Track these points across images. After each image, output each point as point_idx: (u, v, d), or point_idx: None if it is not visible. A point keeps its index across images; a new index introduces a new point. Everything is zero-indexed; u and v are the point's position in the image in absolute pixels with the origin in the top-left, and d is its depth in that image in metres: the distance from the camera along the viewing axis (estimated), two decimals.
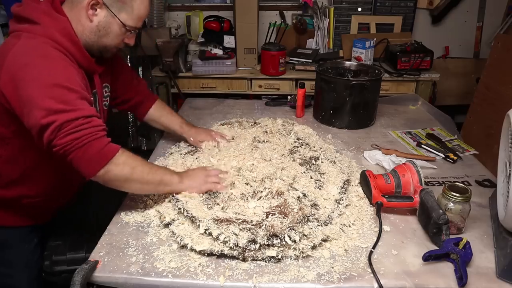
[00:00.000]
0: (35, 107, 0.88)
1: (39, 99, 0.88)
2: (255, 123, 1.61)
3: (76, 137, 0.89)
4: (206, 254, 0.90)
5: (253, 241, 0.89)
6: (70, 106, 0.90)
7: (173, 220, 0.99)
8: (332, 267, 0.88)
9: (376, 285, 0.84)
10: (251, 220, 0.96)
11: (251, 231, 0.92)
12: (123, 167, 0.96)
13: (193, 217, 0.97)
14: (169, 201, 1.07)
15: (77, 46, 1.02)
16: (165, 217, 1.01)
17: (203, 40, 2.63)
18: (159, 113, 1.40)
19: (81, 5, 1.01)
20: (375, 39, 2.57)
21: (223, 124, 1.60)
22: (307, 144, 1.41)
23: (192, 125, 1.44)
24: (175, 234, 0.95)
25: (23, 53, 0.92)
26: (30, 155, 1.04)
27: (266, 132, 1.51)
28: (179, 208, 1.01)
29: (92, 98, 1.03)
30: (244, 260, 0.89)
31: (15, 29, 0.98)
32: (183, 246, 0.92)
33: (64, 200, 1.24)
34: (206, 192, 1.10)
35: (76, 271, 0.82)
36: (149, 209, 1.07)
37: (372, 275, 0.86)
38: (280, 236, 0.90)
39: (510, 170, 0.91)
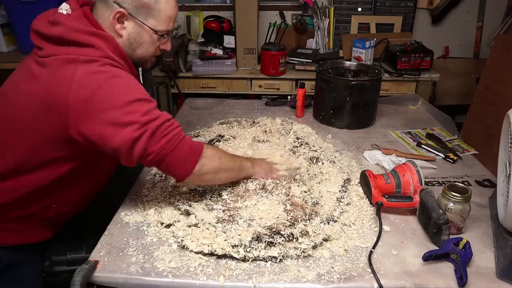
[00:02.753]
0: (121, 125, 0.87)
1: (124, 117, 0.87)
2: (254, 122, 1.61)
3: (167, 140, 0.91)
4: (206, 254, 0.90)
5: (258, 239, 0.89)
6: (153, 115, 0.90)
7: (175, 221, 0.99)
8: (332, 267, 0.88)
9: (376, 285, 0.84)
10: (256, 220, 0.97)
11: (255, 229, 0.92)
12: (213, 159, 1.01)
13: (196, 216, 0.97)
14: (172, 202, 1.07)
15: (127, 61, 1.01)
16: (163, 223, 1.00)
17: (203, 40, 2.63)
18: None
19: (108, 21, 0.98)
20: (375, 39, 2.57)
21: (222, 124, 1.60)
22: (306, 143, 1.41)
23: None
24: (175, 235, 0.95)
25: (90, 79, 0.87)
26: (68, 170, 1.01)
27: (266, 131, 1.51)
28: (183, 210, 1.01)
29: None
30: (244, 260, 0.89)
31: (56, 53, 0.90)
32: (183, 246, 0.92)
33: (81, 208, 1.21)
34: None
35: (76, 271, 0.82)
36: (149, 209, 1.07)
37: (372, 275, 0.86)
38: (283, 234, 0.91)
39: (510, 170, 0.91)
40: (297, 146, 1.39)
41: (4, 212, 1.01)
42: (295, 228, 0.93)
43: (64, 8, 0.97)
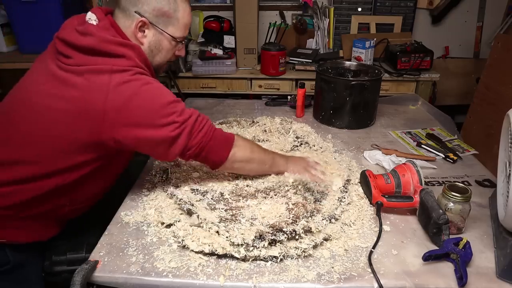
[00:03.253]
0: (158, 127, 0.94)
1: (163, 119, 0.94)
2: (253, 122, 1.61)
3: (203, 133, 1.00)
4: (206, 254, 0.90)
5: (261, 237, 0.89)
6: (187, 114, 0.98)
7: (176, 221, 0.99)
8: (332, 267, 0.88)
9: (376, 285, 0.84)
10: (259, 219, 0.97)
11: (258, 227, 0.93)
12: (244, 148, 1.10)
13: (198, 216, 0.97)
14: (174, 203, 1.07)
15: (150, 68, 1.06)
16: (163, 223, 1.00)
17: (203, 40, 2.62)
18: None
19: (130, 30, 1.02)
20: (375, 39, 2.57)
21: (222, 124, 1.60)
22: (306, 142, 1.41)
23: None
24: (175, 235, 0.96)
25: (125, 87, 0.91)
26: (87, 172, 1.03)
27: (265, 131, 1.51)
28: (186, 209, 1.01)
29: None
30: (244, 260, 0.89)
31: (86, 62, 0.93)
32: (184, 246, 0.92)
33: (91, 206, 1.22)
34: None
35: (76, 271, 0.82)
36: (149, 209, 1.07)
37: (372, 275, 0.86)
38: (285, 231, 0.91)
39: (510, 170, 0.91)
40: (297, 146, 1.39)
41: (19, 210, 1.02)
42: (297, 224, 0.93)
43: (92, 18, 1.00)
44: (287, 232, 0.91)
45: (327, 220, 0.98)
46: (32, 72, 1.04)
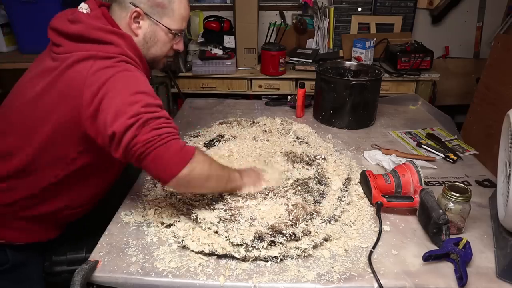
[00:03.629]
0: (122, 112, 0.86)
1: (127, 105, 0.86)
2: (253, 122, 1.61)
3: (159, 133, 0.86)
4: (206, 254, 0.90)
5: (260, 238, 0.89)
6: (153, 108, 0.89)
7: (176, 221, 0.99)
8: (332, 267, 0.88)
9: (376, 285, 0.84)
10: (258, 220, 0.97)
11: (257, 228, 0.93)
12: (203, 164, 0.95)
13: (197, 216, 0.97)
14: (173, 202, 1.07)
15: (142, 60, 1.04)
16: (163, 223, 1.01)
17: (203, 40, 2.63)
18: None
19: (125, 21, 1.02)
20: (375, 39, 2.57)
21: (222, 124, 1.60)
22: (306, 143, 1.42)
23: None
24: (175, 235, 0.96)
25: (103, 72, 0.90)
26: (84, 171, 1.03)
27: (265, 131, 1.51)
28: (185, 209, 1.01)
29: None
30: (244, 260, 0.89)
31: (75, 50, 0.93)
32: (184, 247, 0.92)
33: (89, 209, 1.22)
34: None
35: (76, 271, 0.82)
36: (149, 209, 1.07)
37: (372, 275, 0.86)
38: (285, 233, 0.91)
39: (510, 170, 0.91)
40: (297, 146, 1.39)
41: (17, 209, 1.02)
42: (297, 227, 0.93)
43: (84, 8, 1.00)
44: (287, 235, 0.91)
45: (326, 223, 0.98)
46: (31, 66, 1.06)
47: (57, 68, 0.93)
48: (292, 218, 0.98)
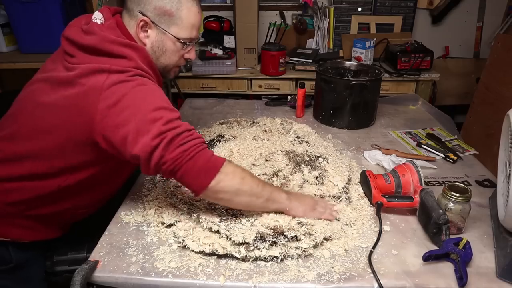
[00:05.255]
0: (143, 132, 0.86)
1: (147, 124, 0.86)
2: (253, 122, 1.61)
3: (184, 149, 0.87)
4: (207, 254, 0.90)
5: (261, 238, 0.89)
6: (174, 124, 0.89)
7: (176, 221, 0.99)
8: (332, 267, 0.88)
9: (376, 285, 0.84)
10: (259, 220, 0.97)
11: (259, 228, 0.93)
12: (233, 176, 0.92)
13: (199, 216, 0.97)
14: (174, 202, 1.07)
15: (155, 71, 1.02)
16: (164, 223, 1.00)
17: (203, 40, 2.63)
18: None
19: (134, 30, 1.01)
20: (375, 39, 2.57)
21: (222, 124, 1.60)
22: (307, 142, 1.42)
23: None
24: (176, 235, 0.96)
25: (118, 87, 0.89)
26: (92, 174, 1.02)
27: (266, 131, 1.51)
28: (186, 209, 1.01)
29: None
30: (244, 260, 0.89)
31: (88, 62, 0.92)
32: (184, 246, 0.92)
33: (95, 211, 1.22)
34: None
35: (76, 271, 0.82)
36: (149, 209, 1.07)
37: (372, 275, 0.86)
38: (286, 235, 0.91)
39: (510, 170, 0.91)
40: (298, 145, 1.39)
41: (23, 209, 1.02)
42: (299, 231, 0.93)
43: (98, 18, 0.98)
44: (288, 237, 0.91)
45: (327, 224, 0.98)
46: (42, 70, 1.04)
47: (70, 79, 0.91)
48: (293, 218, 0.98)
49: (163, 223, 1.00)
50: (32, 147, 0.97)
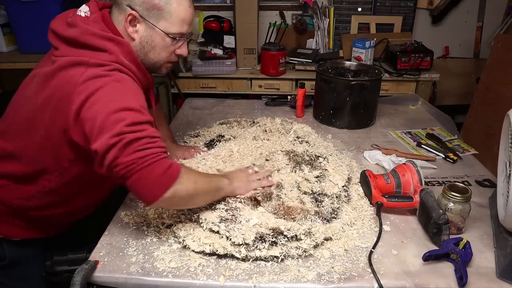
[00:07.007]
0: (106, 129, 0.83)
1: (111, 122, 0.83)
2: (253, 122, 1.61)
3: (140, 156, 0.83)
4: (207, 254, 0.90)
5: (261, 239, 0.89)
6: (138, 127, 0.85)
7: (176, 221, 0.99)
8: (332, 267, 0.88)
9: (376, 285, 0.84)
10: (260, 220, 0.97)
11: (258, 229, 0.93)
12: (187, 184, 0.90)
13: (199, 216, 0.97)
14: None
15: (140, 67, 0.99)
16: (164, 223, 1.00)
17: (203, 40, 2.63)
18: None
19: (122, 24, 0.98)
20: (375, 39, 2.57)
21: (222, 124, 1.60)
22: (307, 142, 1.42)
23: (176, 143, 1.40)
24: (176, 235, 0.96)
25: (93, 82, 0.87)
26: (83, 176, 1.01)
27: (266, 131, 1.51)
28: (186, 209, 1.01)
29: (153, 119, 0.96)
30: (244, 260, 0.89)
31: (69, 54, 0.91)
32: (184, 246, 0.92)
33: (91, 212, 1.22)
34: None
35: (76, 271, 0.82)
36: (149, 209, 1.07)
37: (372, 275, 0.86)
38: (287, 235, 0.91)
39: (510, 170, 0.91)
40: (298, 145, 1.39)
41: (16, 211, 1.02)
42: (298, 230, 0.93)
43: (83, 10, 0.97)
44: (288, 236, 0.91)
45: (325, 223, 0.98)
46: (35, 67, 1.03)
47: (51, 73, 0.90)
48: (292, 218, 0.98)
49: (163, 223, 1.00)
50: (20, 144, 0.96)
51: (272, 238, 0.90)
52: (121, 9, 0.98)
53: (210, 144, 1.39)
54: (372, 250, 0.92)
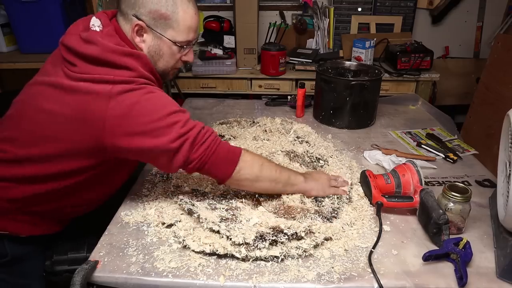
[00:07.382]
0: (159, 137, 0.90)
1: (165, 129, 0.90)
2: (253, 122, 1.61)
3: (206, 147, 0.94)
4: (207, 254, 0.90)
5: (261, 238, 0.89)
6: (190, 125, 0.94)
7: (176, 221, 0.99)
8: (332, 267, 0.88)
9: (376, 285, 0.84)
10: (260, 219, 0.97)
11: (259, 228, 0.93)
12: (252, 164, 1.01)
13: (199, 216, 0.97)
14: (174, 202, 1.07)
15: (156, 76, 1.02)
16: (164, 223, 1.01)
17: (203, 40, 2.63)
18: None
19: (129, 35, 0.99)
20: (375, 39, 2.57)
21: (222, 124, 1.60)
22: (307, 142, 1.42)
23: None
24: (176, 235, 0.96)
25: (126, 96, 0.89)
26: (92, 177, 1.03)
27: (266, 131, 1.51)
28: (187, 209, 1.01)
29: None
30: (244, 260, 0.89)
31: (90, 72, 0.91)
32: (184, 246, 0.92)
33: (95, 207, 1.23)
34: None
35: (76, 271, 0.82)
36: (149, 209, 1.07)
37: (372, 275, 0.86)
38: (287, 233, 0.91)
39: (510, 170, 0.91)
40: (298, 145, 1.39)
41: (22, 205, 1.02)
42: (298, 228, 0.93)
43: (96, 24, 0.97)
44: (289, 234, 0.91)
45: (325, 222, 0.98)
46: (43, 73, 1.01)
47: (75, 88, 0.90)
48: (293, 218, 0.98)
49: (163, 223, 1.01)
50: (34, 152, 0.96)
51: (272, 236, 0.90)
52: (127, 19, 0.98)
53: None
54: (372, 250, 0.92)
